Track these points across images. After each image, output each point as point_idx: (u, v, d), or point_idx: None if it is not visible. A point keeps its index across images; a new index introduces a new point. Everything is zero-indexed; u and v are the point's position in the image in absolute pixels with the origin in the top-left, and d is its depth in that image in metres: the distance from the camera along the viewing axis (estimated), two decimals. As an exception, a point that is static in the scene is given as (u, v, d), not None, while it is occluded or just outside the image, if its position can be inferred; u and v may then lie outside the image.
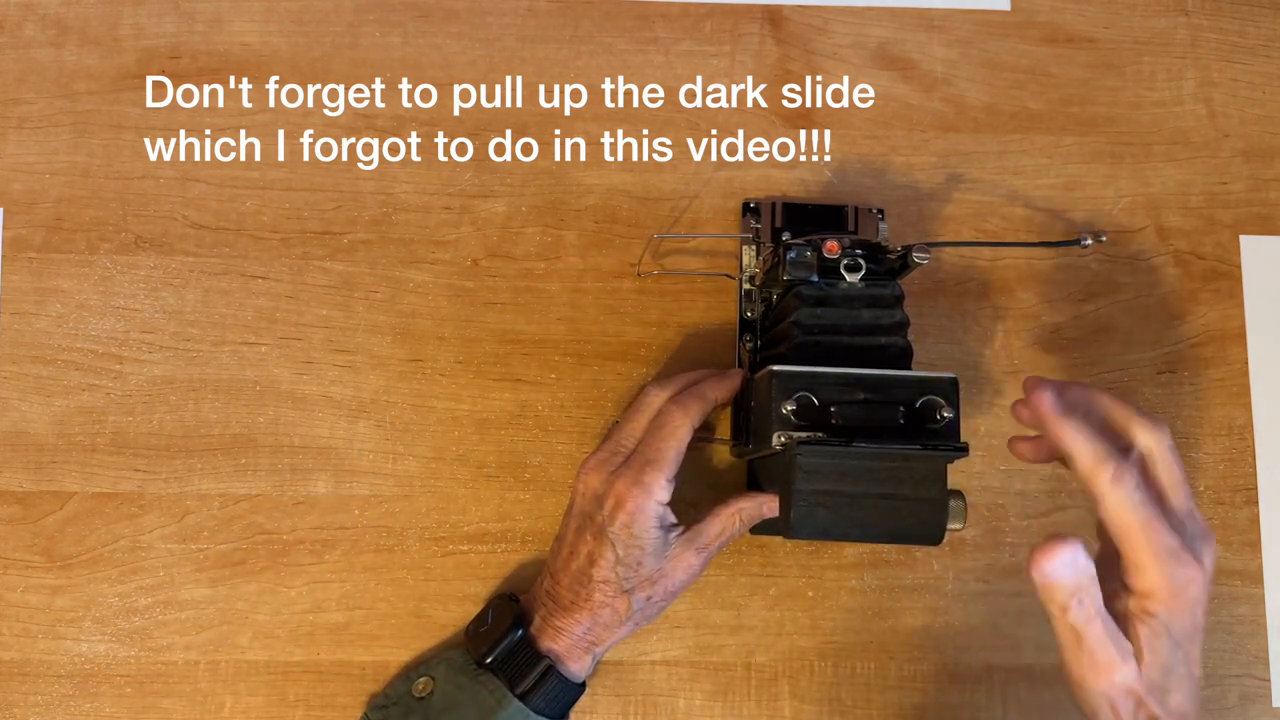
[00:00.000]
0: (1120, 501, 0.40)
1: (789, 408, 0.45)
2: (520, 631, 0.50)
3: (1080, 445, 0.41)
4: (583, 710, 0.54)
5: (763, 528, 0.51)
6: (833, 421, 0.45)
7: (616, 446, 0.50)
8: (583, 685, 0.51)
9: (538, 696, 0.49)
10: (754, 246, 0.56)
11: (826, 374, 0.46)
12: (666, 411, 0.49)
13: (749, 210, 0.57)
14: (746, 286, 0.56)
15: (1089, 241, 0.55)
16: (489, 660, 0.49)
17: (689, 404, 0.49)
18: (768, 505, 0.50)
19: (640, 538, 0.48)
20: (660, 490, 0.48)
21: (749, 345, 0.56)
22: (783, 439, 0.45)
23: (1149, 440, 0.42)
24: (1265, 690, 0.55)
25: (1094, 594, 0.40)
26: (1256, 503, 0.57)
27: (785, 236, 0.53)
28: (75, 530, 0.55)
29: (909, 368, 0.48)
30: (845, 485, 0.44)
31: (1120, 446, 0.42)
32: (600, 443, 0.51)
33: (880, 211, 0.57)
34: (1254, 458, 0.57)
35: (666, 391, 0.51)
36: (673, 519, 0.49)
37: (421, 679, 0.51)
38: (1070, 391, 0.43)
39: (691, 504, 0.53)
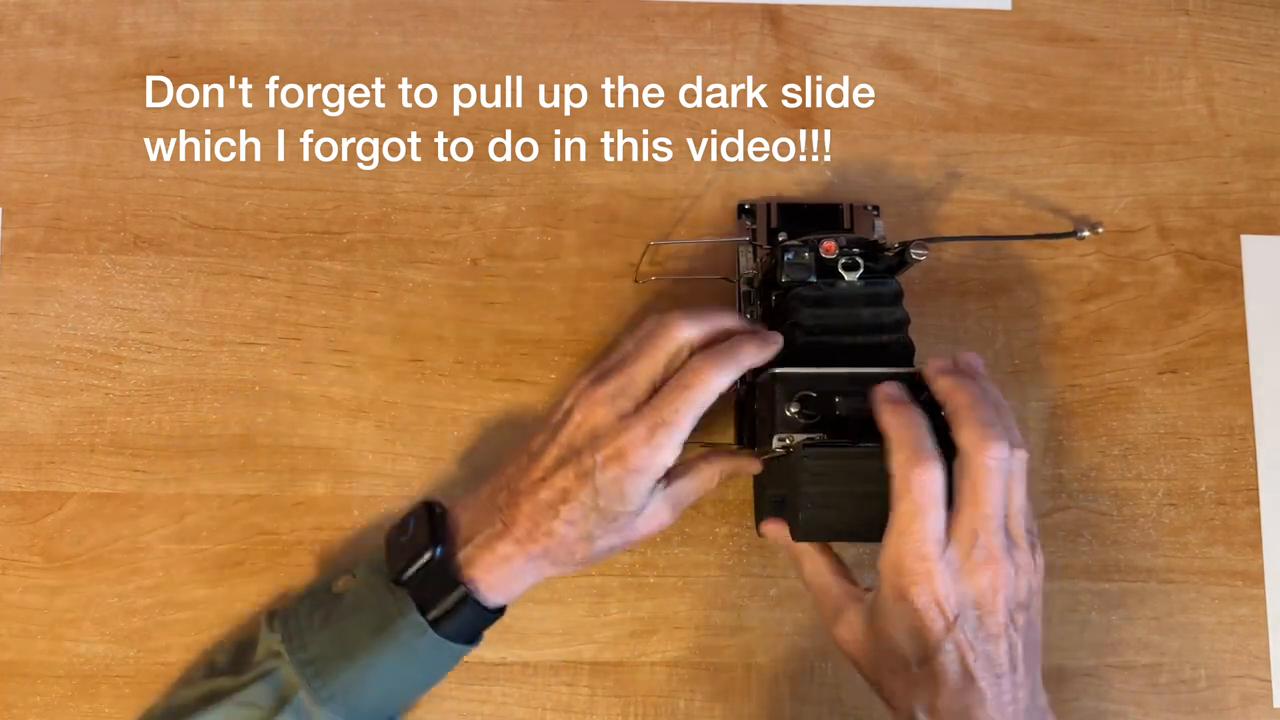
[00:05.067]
0: (900, 489, 0.42)
1: (792, 409, 0.45)
2: (439, 550, 0.46)
3: (891, 439, 0.43)
4: (583, 711, 0.54)
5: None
6: (837, 414, 0.45)
7: (629, 383, 0.45)
8: (501, 610, 0.48)
9: (449, 624, 0.46)
10: (750, 249, 0.56)
11: (829, 374, 0.46)
12: (697, 370, 0.44)
13: (744, 212, 0.57)
14: (744, 289, 0.55)
15: (1085, 233, 0.55)
16: (404, 577, 0.46)
17: (724, 365, 0.44)
18: (746, 466, 0.50)
19: (629, 495, 0.44)
20: (669, 455, 0.44)
21: None
22: (786, 441, 0.45)
23: (971, 458, 0.42)
24: (1266, 691, 0.55)
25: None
26: (1258, 503, 0.56)
27: (781, 237, 0.53)
28: (74, 531, 0.55)
29: (911, 365, 0.48)
30: (851, 486, 0.44)
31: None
32: (604, 365, 0.47)
33: (875, 209, 0.57)
34: (1255, 458, 0.57)
35: (694, 331, 0.46)
36: (662, 474, 0.45)
37: (344, 576, 0.49)
38: (970, 385, 0.44)
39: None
